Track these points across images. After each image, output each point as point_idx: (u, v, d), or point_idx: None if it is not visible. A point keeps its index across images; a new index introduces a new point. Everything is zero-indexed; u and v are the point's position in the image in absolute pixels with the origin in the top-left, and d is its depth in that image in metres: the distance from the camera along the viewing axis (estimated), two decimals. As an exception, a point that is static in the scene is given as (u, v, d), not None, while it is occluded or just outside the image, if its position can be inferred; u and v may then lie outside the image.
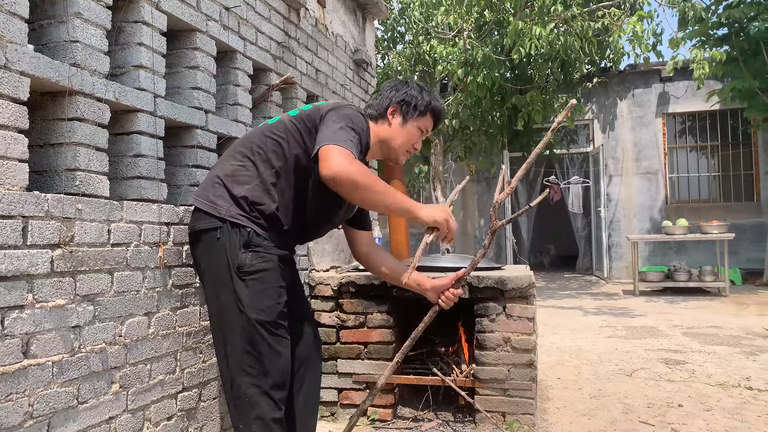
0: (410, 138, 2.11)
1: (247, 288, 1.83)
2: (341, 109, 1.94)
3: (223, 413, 2.32)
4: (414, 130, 2.10)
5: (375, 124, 2.10)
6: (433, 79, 9.37)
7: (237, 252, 1.83)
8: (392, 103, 2.08)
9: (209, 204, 1.89)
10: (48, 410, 1.56)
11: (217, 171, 1.96)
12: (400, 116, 2.08)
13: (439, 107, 2.14)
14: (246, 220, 1.86)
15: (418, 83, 2.15)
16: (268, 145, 1.93)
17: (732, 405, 3.25)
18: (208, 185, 1.94)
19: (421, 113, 2.09)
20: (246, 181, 1.89)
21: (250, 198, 1.87)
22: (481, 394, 2.87)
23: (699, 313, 6.66)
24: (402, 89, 2.10)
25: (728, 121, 10.43)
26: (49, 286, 1.57)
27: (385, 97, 2.10)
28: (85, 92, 1.73)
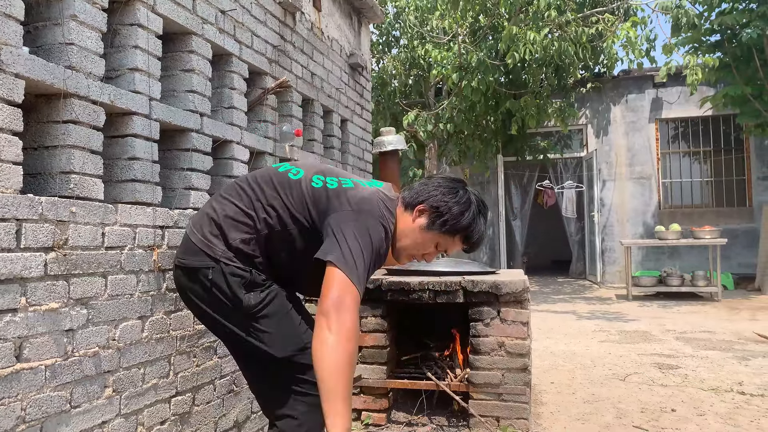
0: (422, 246, 1.85)
1: (262, 329, 1.74)
2: (364, 218, 1.69)
3: (216, 417, 2.31)
4: (430, 242, 1.84)
5: (401, 211, 1.85)
6: (428, 83, 9.39)
7: (240, 294, 1.73)
8: (426, 202, 1.81)
9: (204, 241, 1.76)
10: (41, 414, 1.54)
11: (217, 206, 1.82)
12: (426, 220, 1.81)
13: (474, 236, 1.84)
14: (242, 263, 1.75)
15: (474, 199, 1.84)
16: (277, 204, 1.77)
17: (725, 410, 3.26)
18: (205, 220, 1.81)
19: (449, 232, 1.81)
20: (244, 231, 1.76)
21: (244, 250, 1.75)
22: (476, 399, 2.87)
23: (692, 317, 6.69)
24: (447, 196, 1.81)
25: (721, 126, 10.50)
26: (43, 289, 1.57)
27: (425, 190, 1.84)
28: (80, 95, 1.72)
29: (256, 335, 1.74)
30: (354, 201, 1.73)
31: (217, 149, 2.47)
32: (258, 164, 2.77)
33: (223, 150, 2.50)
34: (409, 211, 1.84)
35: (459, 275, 3.01)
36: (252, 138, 2.66)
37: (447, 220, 1.79)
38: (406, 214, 1.84)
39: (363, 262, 1.61)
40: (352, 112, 4.02)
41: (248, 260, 1.76)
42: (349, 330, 1.52)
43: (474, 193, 1.86)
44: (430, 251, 1.87)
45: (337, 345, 1.50)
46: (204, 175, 2.32)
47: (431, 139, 9.39)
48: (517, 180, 12.15)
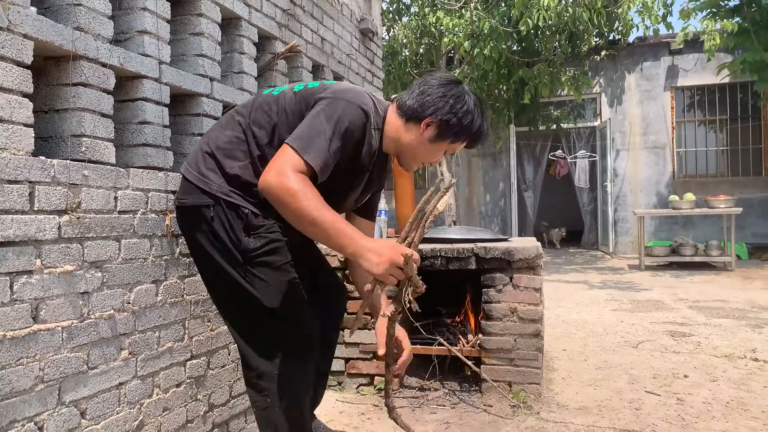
0: (432, 156, 1.85)
1: (256, 275, 1.69)
2: (335, 101, 1.66)
3: (231, 381, 2.34)
4: (439, 151, 1.84)
5: (402, 121, 1.80)
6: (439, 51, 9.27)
7: (240, 236, 1.68)
8: (433, 116, 1.76)
9: (199, 177, 1.73)
10: (59, 375, 1.57)
11: (209, 139, 1.79)
12: (434, 132, 1.78)
13: (481, 137, 1.84)
14: (240, 199, 1.70)
15: (474, 99, 1.81)
16: (263, 121, 1.74)
17: (738, 376, 3.26)
18: (199, 155, 1.78)
19: (458, 139, 1.82)
20: (238, 157, 1.73)
21: (242, 177, 1.71)
22: (488, 364, 2.88)
23: (705, 287, 6.66)
24: (454, 107, 1.76)
25: (738, 94, 10.30)
26: (57, 252, 1.57)
27: (430, 102, 1.76)
28: (89, 57, 1.71)
29: (250, 279, 1.69)
30: (335, 90, 1.72)
31: (227, 115, 2.45)
32: (269, 130, 2.75)
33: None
34: (413, 122, 1.79)
35: (471, 242, 3.00)
36: (262, 104, 2.64)
37: (457, 132, 1.79)
38: (409, 126, 1.79)
39: (322, 149, 1.57)
40: (363, 79, 3.98)
41: (246, 189, 1.70)
42: (290, 189, 1.50)
43: (470, 90, 1.83)
44: (437, 157, 1.87)
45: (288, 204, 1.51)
46: (215, 140, 2.31)
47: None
48: (530, 150, 12.04)
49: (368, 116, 1.70)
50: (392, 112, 1.83)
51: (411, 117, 1.78)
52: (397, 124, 1.81)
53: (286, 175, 1.51)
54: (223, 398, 2.29)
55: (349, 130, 1.65)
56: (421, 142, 1.79)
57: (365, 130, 1.71)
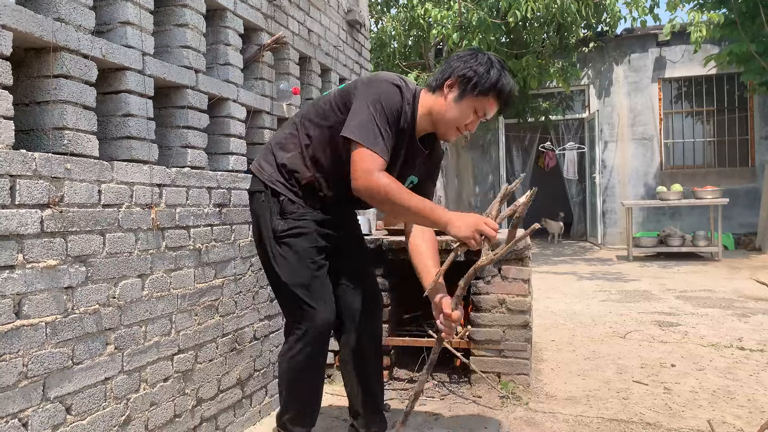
0: (462, 116, 1.92)
1: (279, 252, 1.97)
2: (373, 84, 1.88)
3: (219, 375, 2.33)
4: (468, 109, 1.91)
5: (431, 94, 1.95)
6: (428, 43, 9.24)
7: (274, 218, 1.98)
8: (452, 76, 1.89)
9: (258, 168, 2.06)
10: (42, 370, 1.55)
11: (273, 137, 2.13)
12: (457, 90, 1.89)
13: (505, 89, 1.90)
14: (282, 187, 1.99)
15: (494, 58, 1.91)
16: (311, 115, 2.01)
17: (724, 365, 3.29)
18: (265, 150, 2.11)
19: (482, 93, 1.88)
20: (290, 149, 2.01)
21: (288, 166, 1.99)
22: (477, 355, 2.89)
23: (692, 277, 6.71)
24: (469, 62, 1.88)
25: (724, 86, 10.36)
26: (40, 246, 1.55)
27: (448, 67, 1.92)
28: (71, 48, 1.68)
29: (273, 254, 1.99)
30: (367, 79, 1.94)
31: (213, 107, 2.43)
32: (255, 123, 2.73)
33: (219, 108, 2.46)
34: (438, 91, 1.93)
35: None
36: (249, 96, 2.62)
37: (477, 83, 1.87)
38: (436, 95, 1.94)
39: (375, 127, 1.80)
40: (351, 71, 3.95)
41: (290, 176, 1.99)
42: (382, 187, 1.76)
43: (492, 56, 1.93)
44: (471, 120, 1.94)
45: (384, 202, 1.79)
46: (201, 132, 2.29)
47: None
48: (519, 142, 12.06)
49: (401, 88, 1.90)
50: (422, 94, 1.98)
51: (436, 87, 1.94)
52: (427, 101, 1.96)
53: (374, 177, 1.77)
54: (211, 392, 2.28)
55: (389, 106, 1.86)
56: (449, 104, 1.91)
57: (402, 99, 1.89)
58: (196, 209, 2.21)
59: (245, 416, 2.51)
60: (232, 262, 2.42)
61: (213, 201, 2.31)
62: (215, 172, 2.35)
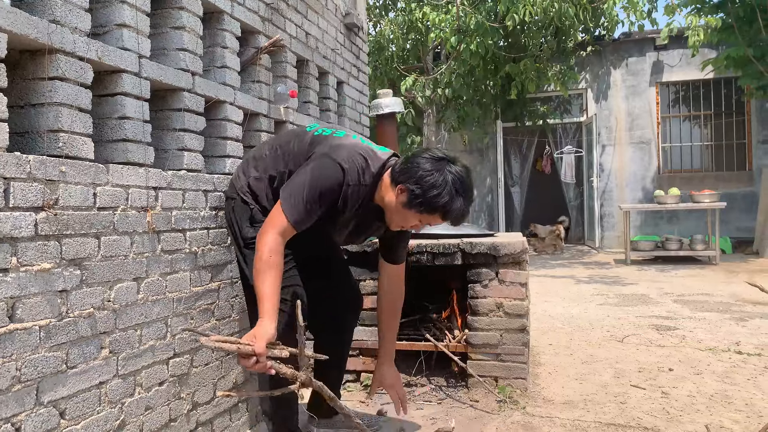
0: (406, 221, 2.02)
1: (249, 257, 2.06)
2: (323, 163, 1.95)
3: (215, 379, 2.32)
4: (412, 218, 1.99)
5: (390, 181, 2.00)
6: (426, 47, 9.25)
7: (243, 225, 2.11)
8: (407, 182, 1.92)
9: (236, 175, 2.20)
10: (36, 374, 1.54)
11: (255, 149, 2.27)
12: (405, 199, 1.93)
13: (452, 213, 1.94)
14: (251, 199, 2.13)
15: (452, 180, 1.90)
16: (285, 149, 2.12)
17: (722, 369, 3.29)
18: (245, 160, 2.24)
19: (426, 212, 1.94)
20: (259, 170, 2.14)
21: (253, 186, 2.13)
22: (474, 359, 2.88)
23: (689, 281, 6.71)
24: (424, 179, 1.89)
25: (722, 90, 10.39)
26: (34, 249, 1.54)
27: (405, 170, 1.94)
28: (66, 50, 1.67)
29: (243, 258, 2.14)
30: (330, 145, 2.02)
31: (210, 110, 2.41)
32: (252, 126, 2.72)
33: (216, 111, 2.45)
34: (393, 184, 1.99)
35: (457, 238, 2.99)
36: (246, 98, 2.61)
37: (422, 202, 1.91)
38: (392, 186, 1.99)
39: (301, 196, 1.92)
40: (349, 74, 3.95)
41: (256, 197, 2.12)
42: (264, 244, 1.88)
43: (457, 171, 1.93)
44: (414, 224, 2.03)
45: (258, 259, 1.89)
46: (197, 135, 2.28)
47: (429, 105, 9.29)
48: (516, 146, 12.07)
49: (346, 175, 1.95)
50: (387, 175, 2.03)
51: (393, 179, 1.99)
52: (386, 183, 2.02)
53: (266, 234, 1.90)
54: (206, 396, 2.26)
55: (325, 192, 1.94)
56: (396, 206, 1.98)
57: (341, 187, 1.96)
58: (192, 212, 2.20)
59: (241, 421, 2.50)
60: (228, 265, 2.41)
61: (209, 204, 2.30)
62: (212, 175, 2.33)
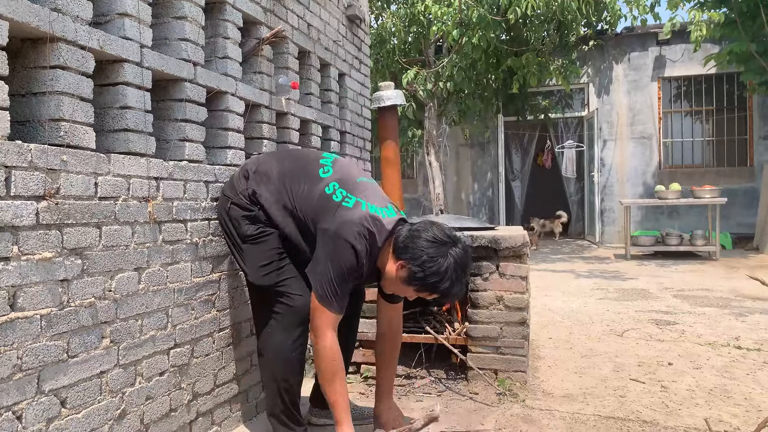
0: (404, 293, 2.13)
1: (246, 253, 2.17)
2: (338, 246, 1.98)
3: (216, 370, 2.32)
4: (410, 292, 2.08)
5: (391, 251, 2.06)
6: (428, 40, 9.21)
7: (242, 224, 2.16)
8: (410, 261, 1.99)
9: (237, 178, 2.24)
10: (37, 363, 1.54)
11: (258, 160, 2.28)
12: (405, 275, 2.02)
13: (449, 296, 2.07)
14: (253, 205, 2.17)
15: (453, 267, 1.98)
16: (292, 189, 2.15)
17: (721, 363, 3.29)
18: (251, 163, 2.28)
19: (422, 290, 2.04)
20: (261, 186, 2.17)
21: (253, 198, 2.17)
22: (474, 352, 2.89)
23: (689, 276, 6.72)
24: (427, 264, 1.97)
25: (724, 85, 10.36)
26: (35, 238, 1.54)
27: (409, 249, 2.00)
28: (68, 39, 1.66)
29: (241, 255, 2.21)
30: (339, 221, 2.01)
31: (211, 101, 2.41)
32: (254, 117, 2.72)
33: (217, 102, 2.45)
34: (394, 256, 2.05)
35: (458, 231, 2.98)
36: (247, 90, 2.60)
37: (423, 285, 2.01)
38: (392, 257, 2.06)
39: (332, 286, 1.98)
40: (350, 66, 3.94)
41: (260, 206, 2.17)
42: (324, 349, 2.02)
43: (458, 254, 2.00)
44: (410, 294, 2.11)
45: (320, 363, 2.04)
46: (199, 126, 2.28)
47: (431, 99, 9.26)
48: (517, 140, 12.05)
49: (359, 255, 1.99)
50: (392, 240, 2.07)
51: (395, 252, 2.05)
52: (388, 252, 2.07)
53: (322, 337, 2.01)
54: (207, 387, 2.27)
55: (347, 271, 2.00)
56: (396, 279, 2.06)
57: (357, 264, 2.01)
58: (193, 203, 2.20)
59: (241, 411, 2.51)
60: (229, 257, 2.41)
61: (211, 195, 2.30)
62: (213, 166, 2.33)
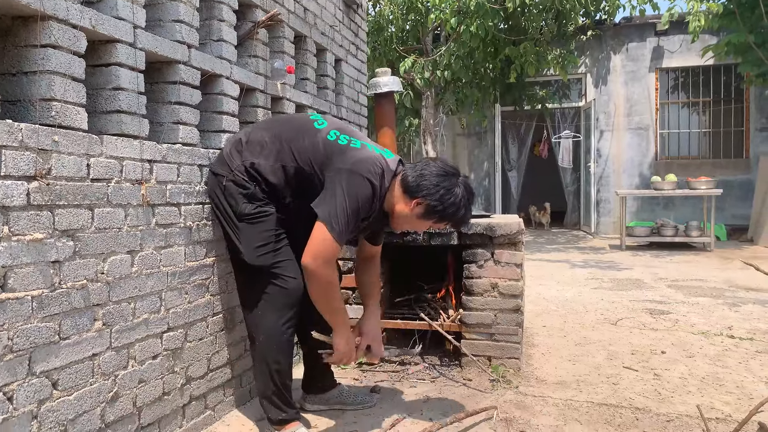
0: (418, 228, 2.23)
1: (243, 232, 2.13)
2: (355, 178, 2.02)
3: (209, 354, 2.32)
4: (425, 225, 2.18)
5: (401, 191, 2.12)
6: (426, 28, 9.16)
7: (239, 202, 2.12)
8: (425, 198, 2.07)
9: (228, 154, 2.19)
10: (28, 345, 1.53)
11: (250, 132, 2.23)
12: (422, 211, 2.10)
13: (463, 222, 2.20)
14: (249, 181, 2.12)
15: (463, 193, 2.09)
16: (293, 144, 2.12)
17: (714, 352, 3.31)
18: (237, 140, 2.22)
19: (442, 221, 2.14)
20: (258, 155, 2.14)
21: (251, 171, 2.12)
22: (468, 339, 2.89)
23: (684, 266, 6.74)
24: (444, 196, 2.06)
25: (721, 76, 10.35)
26: (26, 219, 1.53)
27: (423, 186, 2.07)
28: (59, 17, 1.64)
29: (237, 234, 2.15)
30: (353, 160, 2.05)
31: (206, 84, 2.39)
32: (249, 101, 2.70)
33: (212, 85, 2.43)
34: (407, 196, 2.11)
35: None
36: (242, 73, 2.58)
37: (441, 216, 2.11)
38: (404, 197, 2.12)
39: (345, 218, 1.99)
40: (347, 52, 3.91)
41: (255, 178, 2.12)
42: (325, 278, 2.02)
43: (465, 183, 2.13)
44: (425, 228, 2.22)
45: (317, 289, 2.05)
46: (193, 109, 2.26)
47: (428, 87, 9.23)
48: (514, 130, 12.03)
49: (375, 190, 2.06)
50: (397, 180, 2.14)
51: (407, 191, 2.11)
52: (397, 193, 2.14)
53: (323, 266, 2.00)
54: (201, 371, 2.27)
55: (363, 205, 2.04)
56: (410, 215, 2.13)
57: (373, 200, 2.08)
58: (187, 186, 2.18)
59: (235, 396, 2.51)
60: (223, 241, 2.40)
61: (204, 179, 2.28)
62: (207, 150, 2.32)
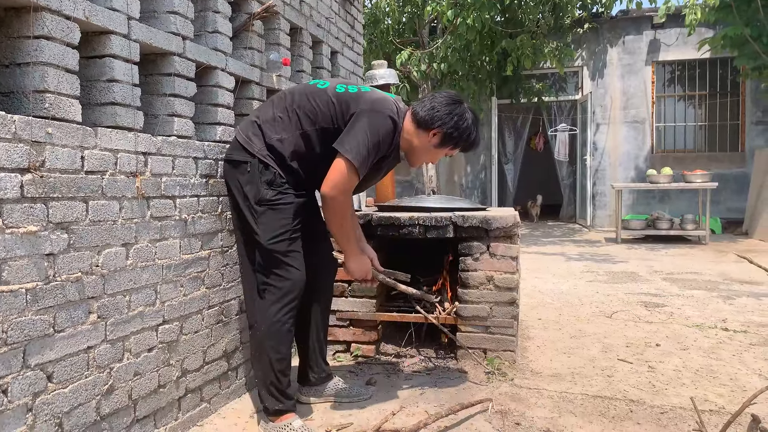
0: (436, 157, 2.36)
1: (263, 216, 2.15)
2: (378, 114, 2.15)
3: (205, 347, 2.32)
4: (442, 153, 2.33)
5: (415, 127, 2.26)
6: (422, 20, 9.13)
7: (261, 188, 2.15)
8: (440, 128, 2.23)
9: (246, 140, 2.20)
10: (23, 337, 1.53)
11: (260, 113, 2.27)
12: (438, 141, 2.25)
13: (476, 145, 2.34)
14: (273, 162, 2.16)
15: (472, 116, 2.27)
16: (306, 108, 2.20)
17: (708, 345, 3.32)
18: (249, 124, 2.25)
19: (457, 146, 2.30)
20: (279, 131, 2.19)
21: (277, 148, 2.17)
22: (463, 331, 2.90)
23: (679, 260, 6.76)
24: (457, 123, 2.23)
25: (717, 70, 10.35)
26: (20, 211, 1.52)
27: (437, 117, 2.22)
28: (52, 8, 1.63)
29: (256, 218, 2.17)
30: (371, 101, 2.18)
31: (201, 76, 2.38)
32: (244, 93, 2.69)
33: (207, 77, 2.42)
34: (422, 129, 2.25)
35: (449, 211, 2.98)
36: (237, 65, 2.57)
37: (458, 142, 2.28)
38: (420, 131, 2.26)
39: (366, 152, 2.10)
40: (343, 44, 3.90)
41: (279, 159, 2.18)
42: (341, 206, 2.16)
43: (470, 107, 2.31)
44: (438, 158, 2.38)
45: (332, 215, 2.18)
46: (187, 101, 2.25)
47: (425, 80, 9.21)
48: (511, 123, 12.03)
49: (396, 125, 2.21)
50: (408, 117, 2.29)
51: (421, 125, 2.25)
52: (410, 129, 2.27)
53: (343, 195, 2.13)
54: (196, 364, 2.27)
55: (384, 139, 2.17)
56: (428, 146, 2.28)
57: (394, 135, 2.21)
58: (182, 179, 2.17)
59: (231, 388, 2.51)
60: (219, 234, 2.40)
61: (200, 171, 2.28)
62: (202, 142, 2.31)
